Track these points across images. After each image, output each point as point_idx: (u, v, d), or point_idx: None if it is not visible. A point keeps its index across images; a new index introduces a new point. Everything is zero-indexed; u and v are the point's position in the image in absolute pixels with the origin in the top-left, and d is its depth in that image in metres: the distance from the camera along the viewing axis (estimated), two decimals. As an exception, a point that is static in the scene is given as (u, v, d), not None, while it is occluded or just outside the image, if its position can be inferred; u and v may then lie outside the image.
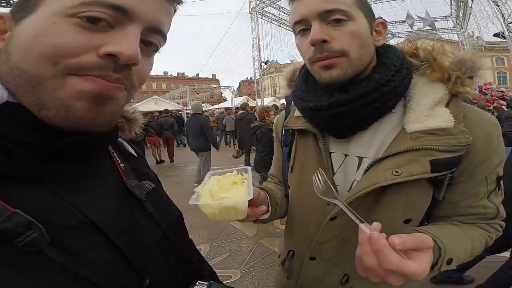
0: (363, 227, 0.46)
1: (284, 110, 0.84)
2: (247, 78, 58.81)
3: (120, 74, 0.37)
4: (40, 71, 0.34)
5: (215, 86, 31.92)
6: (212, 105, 27.03)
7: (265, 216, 0.72)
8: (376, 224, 0.46)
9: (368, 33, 0.59)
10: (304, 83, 0.72)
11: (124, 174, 0.50)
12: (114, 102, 0.39)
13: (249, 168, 0.67)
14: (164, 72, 59.27)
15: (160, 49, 0.48)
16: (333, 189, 0.57)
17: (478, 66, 0.58)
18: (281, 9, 13.26)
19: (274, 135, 0.91)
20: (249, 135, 5.12)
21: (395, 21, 15.66)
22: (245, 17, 13.00)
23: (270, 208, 0.74)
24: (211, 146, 4.88)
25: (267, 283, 2.34)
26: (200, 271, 0.58)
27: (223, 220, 0.56)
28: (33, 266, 0.31)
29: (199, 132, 4.71)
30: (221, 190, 0.56)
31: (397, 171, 0.55)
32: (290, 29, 0.68)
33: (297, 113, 0.76)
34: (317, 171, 0.61)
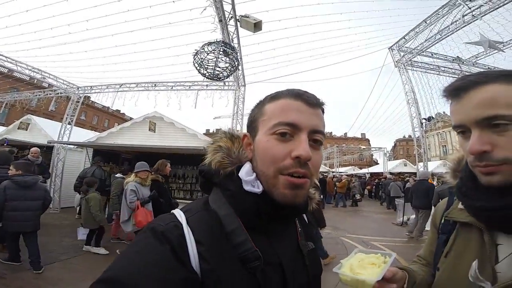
0: None
1: (447, 199, 0.84)
2: (404, 137, 49.03)
3: (304, 168, 0.55)
4: (268, 172, 0.57)
5: (364, 147, 30.03)
6: (361, 168, 25.27)
7: None
8: None
9: None
10: (470, 179, 0.67)
11: (300, 235, 0.70)
12: (304, 188, 0.58)
13: (394, 254, 0.73)
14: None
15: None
16: (481, 278, 0.57)
17: None
18: (435, 56, 10.67)
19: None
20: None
21: None
22: (392, 70, 11.32)
23: (405, 286, 0.74)
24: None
25: None
26: None
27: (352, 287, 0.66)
28: (250, 283, 0.52)
29: (425, 194, 6.19)
30: (359, 267, 0.68)
31: None
32: (454, 75, 0.68)
33: (461, 205, 0.73)
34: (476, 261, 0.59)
